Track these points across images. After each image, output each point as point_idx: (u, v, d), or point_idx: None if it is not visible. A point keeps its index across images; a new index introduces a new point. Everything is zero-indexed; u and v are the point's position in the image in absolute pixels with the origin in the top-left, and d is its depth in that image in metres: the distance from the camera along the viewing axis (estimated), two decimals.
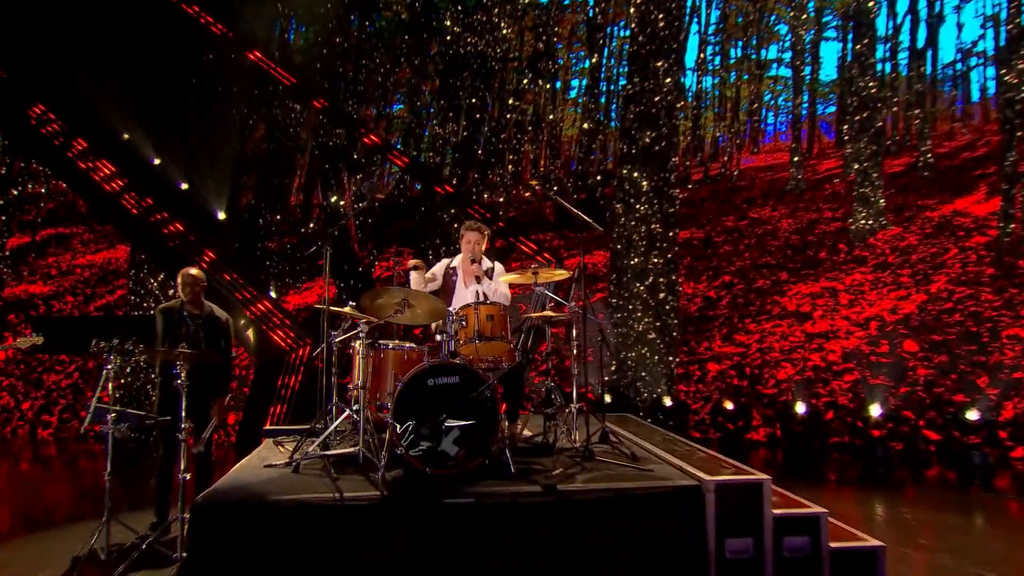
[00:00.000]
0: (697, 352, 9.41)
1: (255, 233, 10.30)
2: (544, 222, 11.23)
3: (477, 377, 3.70)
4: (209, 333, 4.28)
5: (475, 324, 3.94)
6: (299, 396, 7.19)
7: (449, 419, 3.56)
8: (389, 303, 4.00)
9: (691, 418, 8.62)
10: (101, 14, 8.63)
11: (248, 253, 9.65)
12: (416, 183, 11.31)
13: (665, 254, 8.97)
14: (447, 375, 3.65)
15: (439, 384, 3.64)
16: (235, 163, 10.31)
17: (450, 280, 4.55)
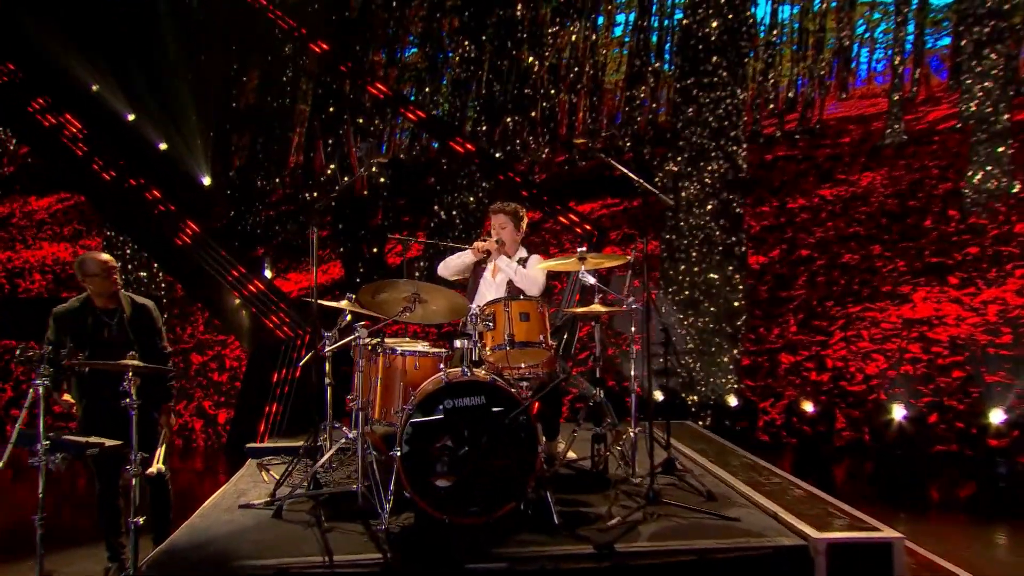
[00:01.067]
0: (767, 341, 8.79)
1: (248, 201, 9.81)
2: (584, 189, 10.53)
3: (509, 396, 3.22)
4: (139, 330, 3.68)
5: (505, 325, 3.46)
6: (299, 392, 6.74)
7: (473, 451, 3.11)
8: (396, 299, 3.53)
9: (760, 418, 8.00)
10: None
11: (239, 225, 9.17)
12: (433, 141, 10.60)
13: (729, 223, 8.22)
14: (469, 394, 3.18)
15: (459, 406, 3.17)
16: (224, 120, 9.76)
17: (478, 266, 4.18)
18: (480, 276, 4.18)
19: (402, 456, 3.11)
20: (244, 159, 10.89)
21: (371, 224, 9.36)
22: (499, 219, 4.15)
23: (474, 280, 4.19)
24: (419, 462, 3.07)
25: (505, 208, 4.16)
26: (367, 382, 3.66)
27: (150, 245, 7.85)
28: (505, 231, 4.13)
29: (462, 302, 3.55)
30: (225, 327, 8.31)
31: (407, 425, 3.12)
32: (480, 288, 4.12)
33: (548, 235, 10.54)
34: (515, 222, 4.16)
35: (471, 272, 4.24)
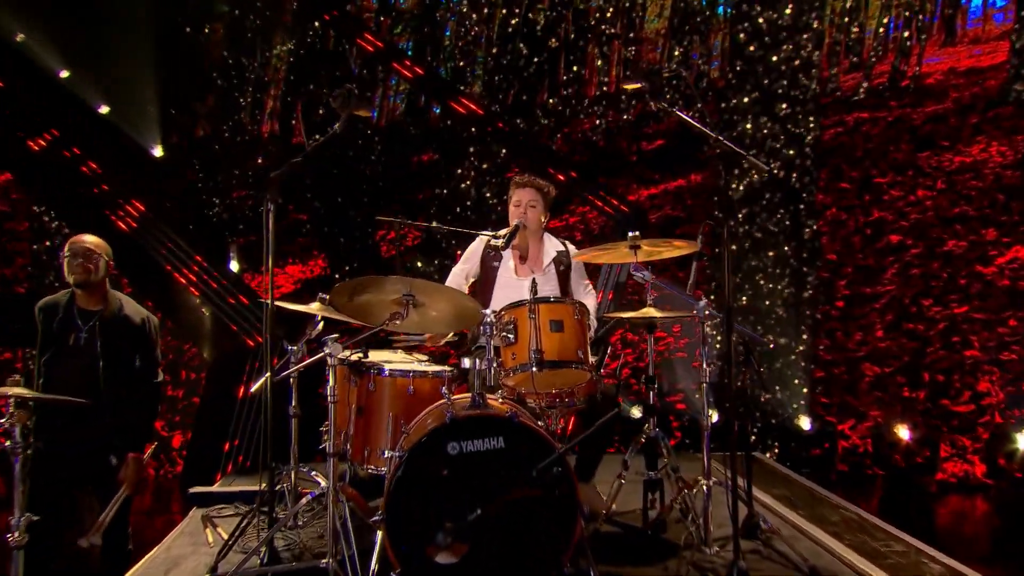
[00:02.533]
0: (846, 348, 8.21)
1: (213, 177, 9.31)
2: (616, 161, 9.89)
3: (537, 438, 2.74)
4: (110, 344, 3.38)
5: (531, 337, 3.04)
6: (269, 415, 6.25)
7: (487, 514, 2.65)
8: (382, 301, 3.04)
9: (839, 444, 7.44)
10: None
11: (203, 207, 8.69)
12: (434, 104, 10.05)
13: (798, 202, 7.61)
14: (483, 434, 2.71)
15: (469, 451, 2.70)
16: (182, 80, 9.25)
17: (490, 266, 3.87)
18: (494, 275, 3.83)
19: (389, 519, 2.65)
20: (208, 128, 10.39)
21: (361, 204, 8.83)
22: (526, 194, 3.82)
23: (485, 279, 3.86)
24: (413, 528, 2.64)
25: (535, 181, 3.85)
26: (343, 412, 3.25)
27: (88, 230, 7.42)
28: (534, 211, 3.82)
29: (472, 306, 3.09)
30: (181, 331, 7.93)
31: (398, 474, 2.67)
32: (496, 292, 3.79)
33: (574, 219, 10.00)
34: (545, 201, 3.87)
35: (479, 268, 3.88)
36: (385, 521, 2.65)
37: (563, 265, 3.87)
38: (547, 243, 3.92)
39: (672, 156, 9.48)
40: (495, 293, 3.79)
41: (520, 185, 3.85)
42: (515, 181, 3.89)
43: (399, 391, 3.21)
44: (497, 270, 3.85)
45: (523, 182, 3.86)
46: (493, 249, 3.86)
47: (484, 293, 3.84)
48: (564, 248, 3.93)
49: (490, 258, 3.89)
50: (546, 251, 3.89)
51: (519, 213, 3.80)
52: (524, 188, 3.83)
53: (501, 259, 3.86)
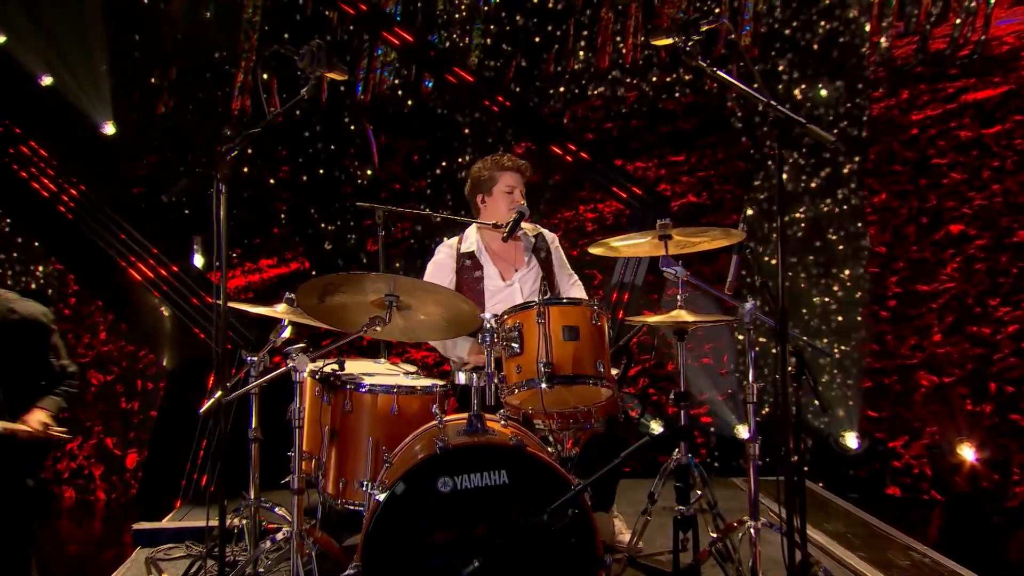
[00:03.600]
0: (898, 354, 7.98)
1: (175, 159, 9.07)
2: (631, 139, 9.61)
3: (547, 471, 2.56)
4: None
5: (541, 346, 2.84)
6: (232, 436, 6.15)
7: (488, 565, 2.44)
8: (359, 303, 2.86)
9: (891, 465, 7.21)
10: None
11: (160, 192, 8.44)
12: (425, 76, 9.77)
13: (845, 187, 7.31)
14: (482, 466, 2.52)
15: (466, 488, 2.50)
16: (139, 47, 9.00)
17: (471, 277, 3.77)
18: (479, 286, 3.73)
19: (366, 572, 2.44)
20: (170, 101, 10.15)
21: (343, 191, 8.60)
22: (517, 177, 3.78)
23: (468, 294, 3.68)
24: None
25: (521, 163, 3.83)
26: (315, 435, 3.19)
27: (26, 217, 7.36)
28: (524, 196, 3.80)
29: (468, 309, 2.88)
30: (136, 335, 7.74)
31: (377, 517, 2.46)
32: (487, 298, 3.71)
33: (584, 207, 9.75)
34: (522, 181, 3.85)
35: (456, 283, 3.77)
36: (359, 570, 2.42)
37: (543, 252, 3.78)
38: (527, 229, 3.83)
39: (697, 135, 9.23)
40: (487, 306, 3.65)
41: (513, 168, 3.77)
42: (504, 163, 3.79)
43: (381, 411, 3.06)
44: (481, 280, 3.72)
45: (517, 164, 3.79)
46: (467, 257, 3.75)
47: None
48: (539, 232, 3.85)
49: (467, 268, 3.75)
50: (524, 241, 3.80)
51: (513, 200, 3.71)
52: (513, 172, 3.76)
53: (481, 266, 3.74)
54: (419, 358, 7.34)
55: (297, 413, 2.64)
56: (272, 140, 8.77)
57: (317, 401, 3.23)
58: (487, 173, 3.79)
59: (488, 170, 3.79)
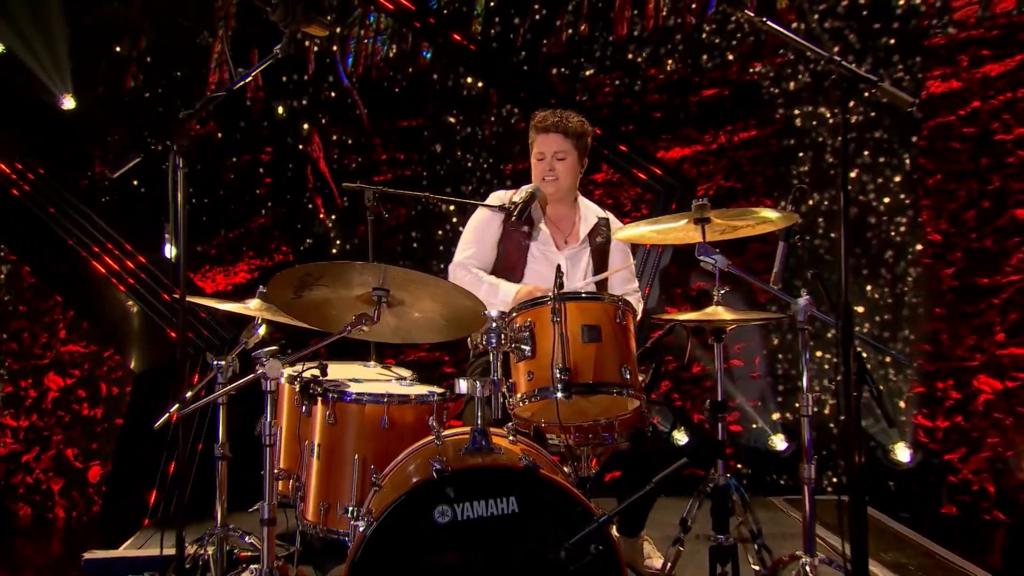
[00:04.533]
0: (955, 356, 7.84)
1: (143, 137, 8.95)
2: (658, 116, 9.41)
3: (564, 497, 2.43)
4: None
5: (556, 348, 2.70)
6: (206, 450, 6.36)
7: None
8: (342, 298, 2.77)
9: (947, 480, 7.07)
10: None
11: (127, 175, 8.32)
12: (423, 46, 9.57)
13: (891, 168, 7.28)
14: (488, 492, 2.39)
15: (467, 519, 2.36)
16: (103, 14, 8.84)
17: (515, 244, 3.68)
18: (524, 247, 3.64)
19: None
20: (139, 74, 10.02)
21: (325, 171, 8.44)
22: (552, 141, 3.63)
23: (509, 255, 3.67)
24: None
25: (563, 122, 3.65)
26: (293, 450, 3.11)
27: None
28: (564, 165, 3.65)
29: (470, 305, 2.72)
30: (99, 334, 7.61)
31: (362, 552, 2.33)
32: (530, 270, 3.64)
33: (599, 190, 9.60)
34: (580, 148, 3.70)
35: (498, 244, 3.69)
36: None
37: (600, 237, 3.70)
38: (583, 208, 3.76)
39: (727, 111, 9.05)
40: (527, 270, 3.60)
41: (543, 129, 3.63)
42: (535, 124, 3.68)
43: (369, 424, 2.98)
44: (529, 237, 3.63)
45: (547, 124, 3.63)
46: (518, 216, 3.57)
47: (510, 271, 3.62)
48: (606, 217, 3.77)
49: (511, 234, 3.66)
50: (584, 218, 3.71)
51: (544, 169, 3.63)
52: (548, 133, 3.61)
53: (533, 222, 3.62)
54: (415, 359, 7.19)
55: (267, 428, 2.47)
56: (253, 118, 8.60)
57: (296, 412, 3.09)
58: (529, 138, 3.71)
59: (530, 133, 3.70)
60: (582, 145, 3.68)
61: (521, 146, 6.80)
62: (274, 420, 2.52)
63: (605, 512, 2.35)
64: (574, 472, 2.83)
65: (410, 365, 5.94)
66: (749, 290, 6.93)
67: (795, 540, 4.20)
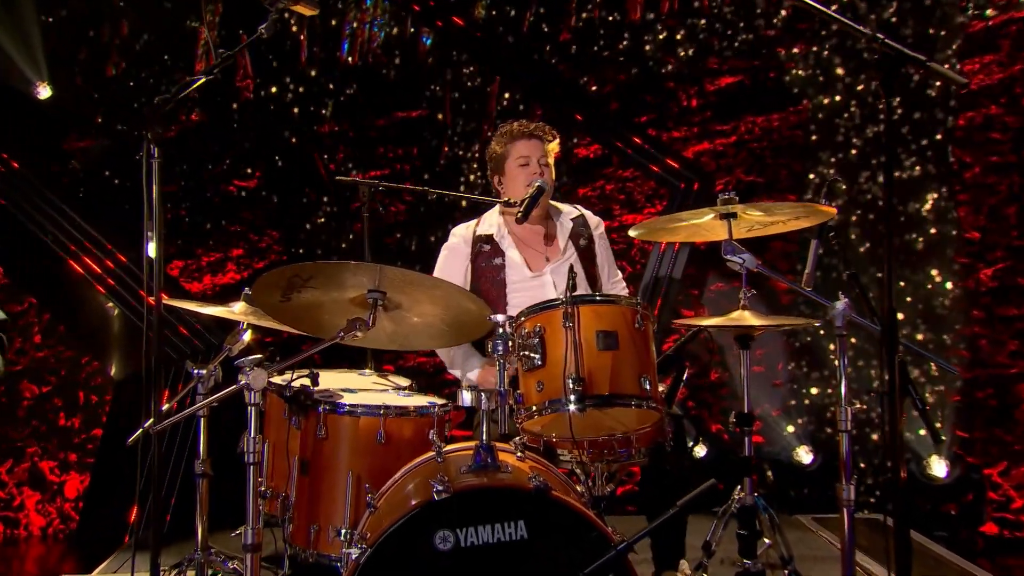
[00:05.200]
0: (994, 363, 7.80)
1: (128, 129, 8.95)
2: (672, 105, 9.34)
3: (582, 524, 2.37)
4: None
5: (569, 358, 2.65)
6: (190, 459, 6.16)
7: None
8: (335, 301, 2.76)
9: (986, 496, 7.03)
10: None
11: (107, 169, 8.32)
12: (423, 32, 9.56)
13: (929, 164, 7.23)
14: (494, 517, 2.34)
15: (471, 546, 2.31)
16: None
17: (490, 266, 3.77)
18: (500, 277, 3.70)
19: None
20: (121, 61, 10.00)
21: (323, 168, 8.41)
22: (536, 147, 3.74)
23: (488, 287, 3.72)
24: None
25: (545, 129, 3.84)
26: (280, 467, 3.03)
27: None
28: (549, 171, 3.76)
29: (474, 308, 2.72)
30: (78, 339, 7.61)
31: (358, 574, 2.29)
32: (512, 301, 3.65)
33: (611, 185, 9.53)
34: (557, 157, 3.88)
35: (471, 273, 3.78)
36: None
37: (584, 239, 3.74)
38: (554, 213, 3.81)
39: (748, 99, 8.99)
40: (510, 302, 3.60)
41: (527, 134, 3.73)
42: (515, 131, 3.77)
43: (363, 438, 2.92)
44: (503, 268, 3.66)
45: (532, 129, 3.76)
46: (485, 241, 3.71)
47: (493, 308, 3.57)
48: (579, 214, 3.82)
49: (485, 254, 3.71)
50: (560, 225, 3.76)
51: (530, 173, 3.65)
52: (532, 139, 3.71)
53: (503, 254, 3.70)
54: (413, 364, 7.16)
55: (251, 445, 2.40)
56: (242, 108, 8.57)
57: (284, 424, 3.04)
58: (499, 148, 3.76)
59: (499, 143, 3.76)
60: (556, 153, 3.81)
61: None
62: (259, 435, 2.45)
63: (624, 538, 2.29)
64: (588, 491, 2.79)
65: (409, 372, 5.85)
66: (772, 292, 6.87)
67: (828, 564, 4.14)
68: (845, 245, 2.79)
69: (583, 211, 3.88)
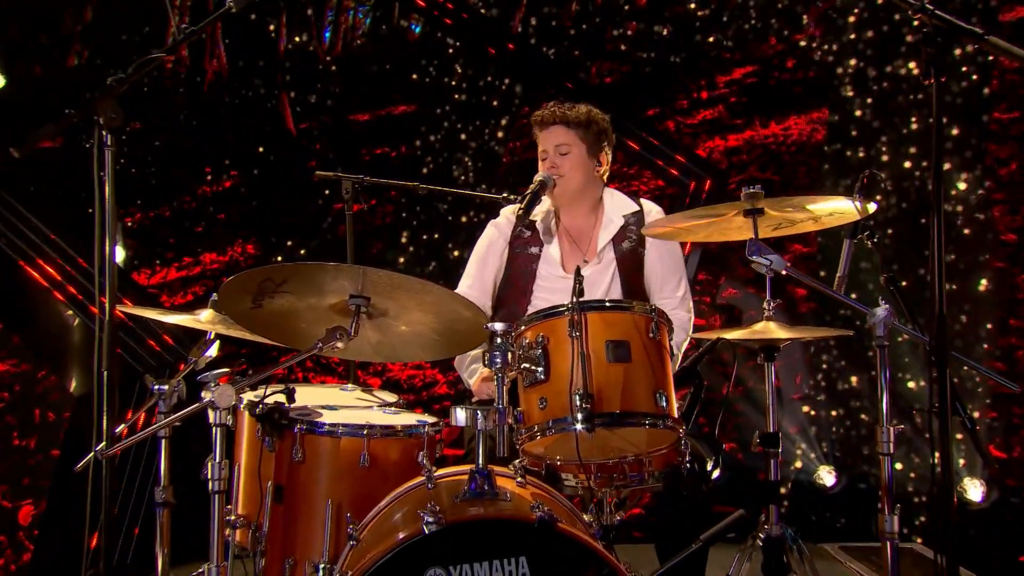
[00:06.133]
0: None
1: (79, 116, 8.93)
2: (682, 98, 9.32)
3: (593, 560, 2.30)
4: None
5: (576, 372, 2.59)
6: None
7: None
8: (313, 308, 2.73)
9: None
10: None
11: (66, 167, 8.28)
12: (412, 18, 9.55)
13: (961, 160, 7.20)
14: (492, 552, 2.27)
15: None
16: None
17: (522, 250, 3.75)
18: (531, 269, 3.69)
19: None
20: (84, 50, 9.96)
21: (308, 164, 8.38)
22: (553, 135, 3.66)
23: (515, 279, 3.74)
24: None
25: (564, 112, 3.68)
26: (252, 492, 3.01)
27: None
28: (568, 160, 3.64)
29: (469, 316, 2.65)
30: (33, 351, 7.51)
31: None
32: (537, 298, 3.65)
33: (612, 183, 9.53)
34: (588, 139, 3.66)
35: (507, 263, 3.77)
36: None
37: (629, 241, 3.62)
38: (608, 207, 3.69)
39: (762, 93, 8.96)
40: (534, 298, 3.60)
41: (541, 123, 3.68)
42: (535, 121, 3.73)
43: (345, 461, 2.87)
44: (537, 260, 3.64)
45: (545, 117, 3.68)
46: (528, 226, 3.65)
47: (516, 301, 3.66)
48: (636, 210, 3.69)
49: (523, 240, 3.68)
50: (605, 220, 3.65)
51: (546, 168, 3.63)
52: (548, 127, 3.65)
53: (541, 244, 3.66)
54: (404, 379, 7.09)
55: (216, 471, 2.30)
56: (216, 99, 8.52)
57: (257, 446, 2.96)
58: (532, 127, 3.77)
59: (533, 132, 3.76)
60: (591, 136, 3.65)
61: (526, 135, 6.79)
62: (226, 459, 2.37)
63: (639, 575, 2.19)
64: (596, 521, 2.72)
65: (395, 386, 5.73)
66: (790, 299, 6.82)
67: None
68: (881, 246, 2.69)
69: (645, 205, 3.76)
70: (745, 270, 6.72)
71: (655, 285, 3.67)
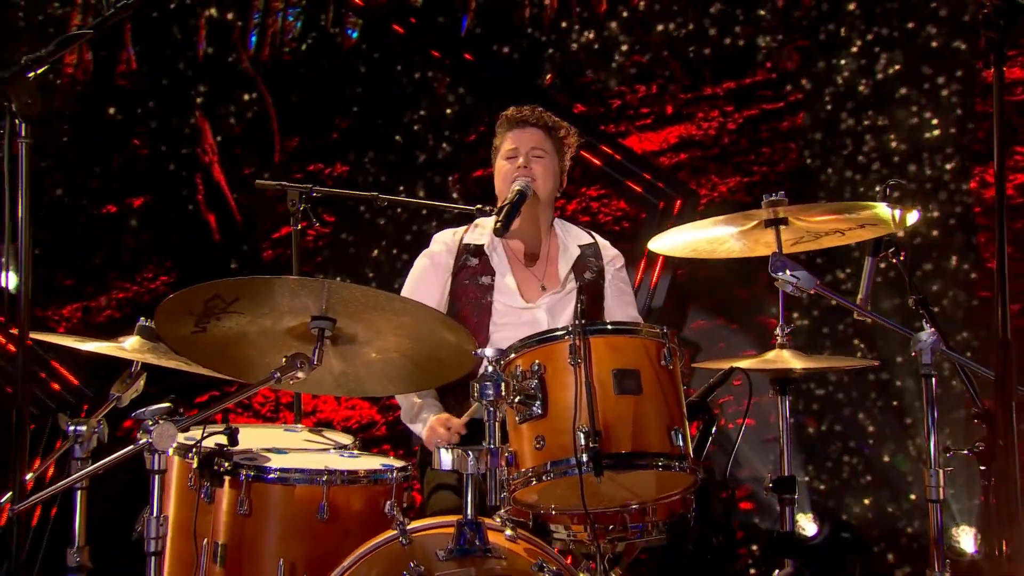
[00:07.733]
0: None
1: None
2: (652, 111, 9.42)
3: None
4: None
5: (578, 405, 2.50)
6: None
7: None
8: (267, 333, 2.64)
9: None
10: None
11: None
12: (348, 23, 9.55)
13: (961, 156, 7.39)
14: None
15: None
16: None
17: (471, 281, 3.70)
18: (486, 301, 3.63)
19: None
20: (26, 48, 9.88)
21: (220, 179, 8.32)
22: (528, 137, 3.65)
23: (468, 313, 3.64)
24: None
25: (542, 116, 3.71)
26: (185, 556, 2.84)
27: None
28: (542, 164, 3.61)
29: (452, 341, 2.57)
30: None
31: None
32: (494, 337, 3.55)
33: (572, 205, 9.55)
34: (560, 152, 3.72)
35: (449, 293, 3.70)
36: None
37: (590, 272, 3.63)
38: (561, 235, 3.72)
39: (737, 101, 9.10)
40: (492, 335, 3.49)
41: (517, 122, 3.64)
42: (508, 118, 3.70)
43: (300, 514, 2.77)
44: (490, 291, 3.56)
45: (522, 116, 3.65)
46: (473, 253, 3.61)
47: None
48: (592, 242, 3.73)
49: (471, 270, 3.62)
50: (563, 248, 3.67)
51: (514, 168, 3.54)
52: (524, 127, 3.62)
53: (493, 272, 3.60)
54: (338, 420, 6.97)
55: (154, 528, 2.12)
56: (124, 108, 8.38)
57: (190, 497, 2.80)
58: (496, 141, 3.74)
59: (496, 136, 3.74)
60: (562, 149, 3.69)
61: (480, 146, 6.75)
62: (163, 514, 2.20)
63: None
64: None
65: (327, 428, 5.61)
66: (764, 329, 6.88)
67: None
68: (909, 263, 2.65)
69: (598, 239, 3.78)
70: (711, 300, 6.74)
71: (614, 306, 3.68)
